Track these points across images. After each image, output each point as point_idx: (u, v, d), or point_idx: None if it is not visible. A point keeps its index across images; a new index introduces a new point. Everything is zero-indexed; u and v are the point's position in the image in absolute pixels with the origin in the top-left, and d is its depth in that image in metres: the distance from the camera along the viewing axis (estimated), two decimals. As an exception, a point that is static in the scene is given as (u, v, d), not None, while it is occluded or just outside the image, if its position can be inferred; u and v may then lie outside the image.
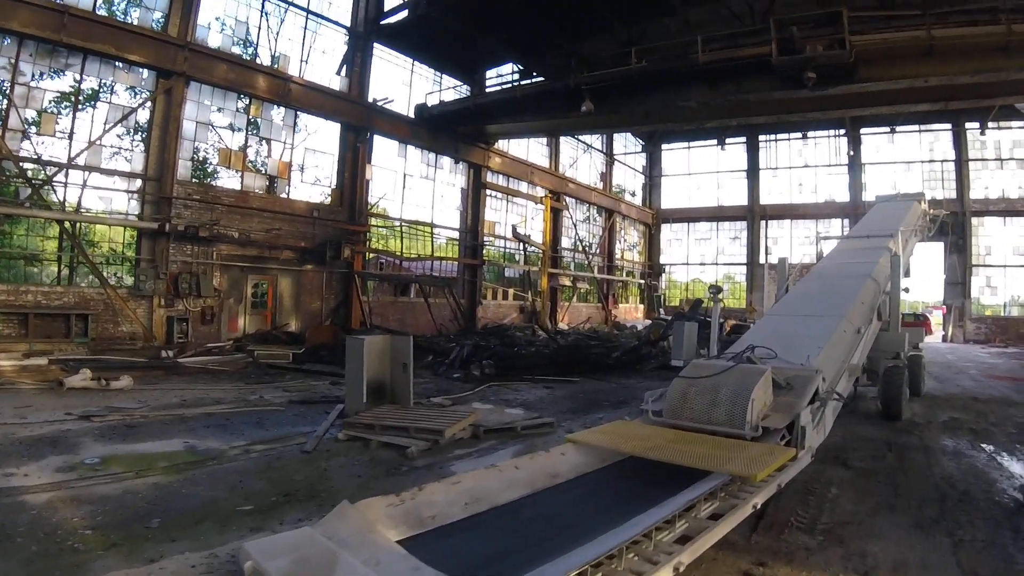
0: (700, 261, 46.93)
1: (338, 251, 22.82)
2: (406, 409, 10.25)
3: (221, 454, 8.26)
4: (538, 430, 10.04)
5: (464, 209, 29.60)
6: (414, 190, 27.56)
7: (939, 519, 6.54)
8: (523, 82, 25.98)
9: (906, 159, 41.22)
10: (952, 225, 33.48)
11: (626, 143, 45.96)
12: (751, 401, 6.51)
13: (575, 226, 37.79)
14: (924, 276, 39.06)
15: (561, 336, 25.95)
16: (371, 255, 26.30)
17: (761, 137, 44.61)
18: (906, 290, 14.10)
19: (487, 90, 28.34)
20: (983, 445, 10.15)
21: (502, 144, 31.32)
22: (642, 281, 45.78)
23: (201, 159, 21.47)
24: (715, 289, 9.39)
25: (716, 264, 46.34)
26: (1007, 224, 38.71)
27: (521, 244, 32.15)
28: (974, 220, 38.68)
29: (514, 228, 31.35)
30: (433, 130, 27.00)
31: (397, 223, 27.09)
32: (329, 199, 23.98)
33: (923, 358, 15.54)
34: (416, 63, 28.04)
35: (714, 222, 46.28)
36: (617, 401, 13.28)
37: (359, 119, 24.44)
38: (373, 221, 26.04)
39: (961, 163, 39.32)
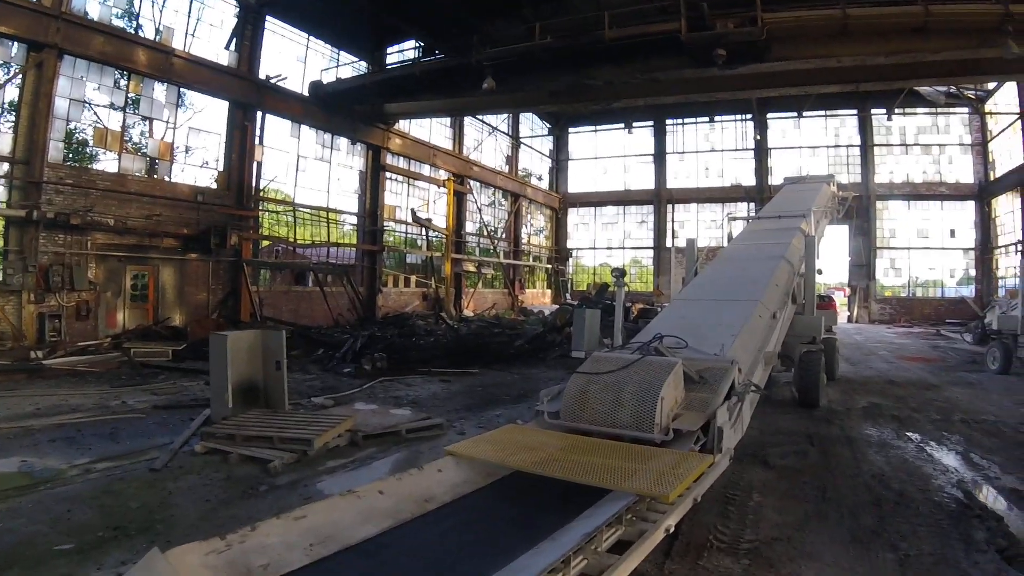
0: (607, 245, 46.57)
1: (225, 238, 21.12)
2: (278, 414, 9.04)
3: (58, 475, 7.00)
4: (426, 433, 8.97)
5: (363, 193, 28.16)
6: (308, 173, 26.02)
7: (878, 529, 5.79)
8: (423, 59, 24.66)
9: (812, 144, 42.34)
10: (857, 209, 34.26)
11: (532, 126, 45.14)
12: (660, 400, 5.68)
13: (480, 210, 36.72)
14: (828, 258, 41.07)
15: (465, 324, 24.85)
16: (266, 242, 24.81)
17: (668, 121, 44.63)
18: (819, 271, 13.61)
19: (387, 67, 26.95)
20: (908, 434, 9.70)
21: (403, 125, 30.03)
22: (549, 266, 45.16)
23: (78, 140, 19.87)
24: (619, 272, 8.41)
25: (623, 248, 46.12)
26: (911, 208, 40.69)
27: (423, 229, 30.81)
28: (879, 204, 40.26)
29: (413, 212, 29.92)
30: (329, 109, 25.46)
31: (290, 208, 25.50)
32: (216, 183, 22.30)
33: (837, 341, 15.27)
34: (312, 38, 26.44)
35: (621, 206, 46.05)
36: (518, 395, 12.28)
37: (248, 96, 22.82)
38: (264, 206, 24.56)
39: (866, 148, 40.72)
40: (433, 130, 33.39)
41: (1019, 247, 34.19)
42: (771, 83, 22.76)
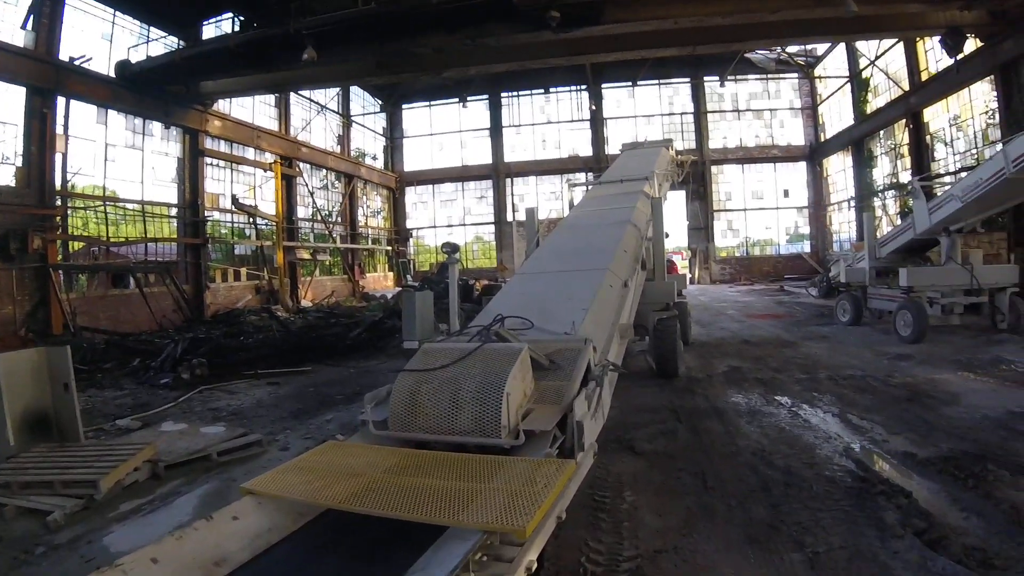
0: (448, 223, 45.37)
1: (26, 242, 18.74)
2: (68, 448, 7.31)
3: None
4: (242, 454, 7.51)
5: (181, 181, 25.54)
6: (119, 162, 23.22)
7: (775, 523, 4.99)
8: (236, 30, 22.70)
9: (647, 113, 43.17)
10: (693, 173, 35.35)
11: (364, 104, 43.20)
12: (505, 396, 4.60)
13: (312, 194, 34.43)
14: (667, 223, 40.49)
15: (302, 315, 23.20)
16: (78, 244, 22.36)
17: (504, 95, 44.19)
18: (667, 235, 13.06)
19: (201, 42, 24.59)
20: (777, 398, 9.21)
21: (223, 106, 27.61)
22: (389, 248, 43.51)
23: None
24: (450, 247, 7.04)
25: (464, 225, 45.09)
26: (745, 171, 42.65)
27: (249, 217, 28.62)
28: (714, 168, 41.85)
29: (235, 198, 27.33)
30: (139, 91, 22.84)
31: (100, 203, 23.02)
32: (15, 180, 19.77)
33: (688, 305, 14.82)
34: (119, 14, 23.60)
35: (460, 183, 45.05)
36: (353, 393, 10.80)
37: (48, 81, 20.05)
38: (71, 202, 22.11)
39: (700, 115, 42.19)
40: (257, 110, 31.04)
41: (851, 203, 35.82)
42: (607, 47, 22.23)
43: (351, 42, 19.70)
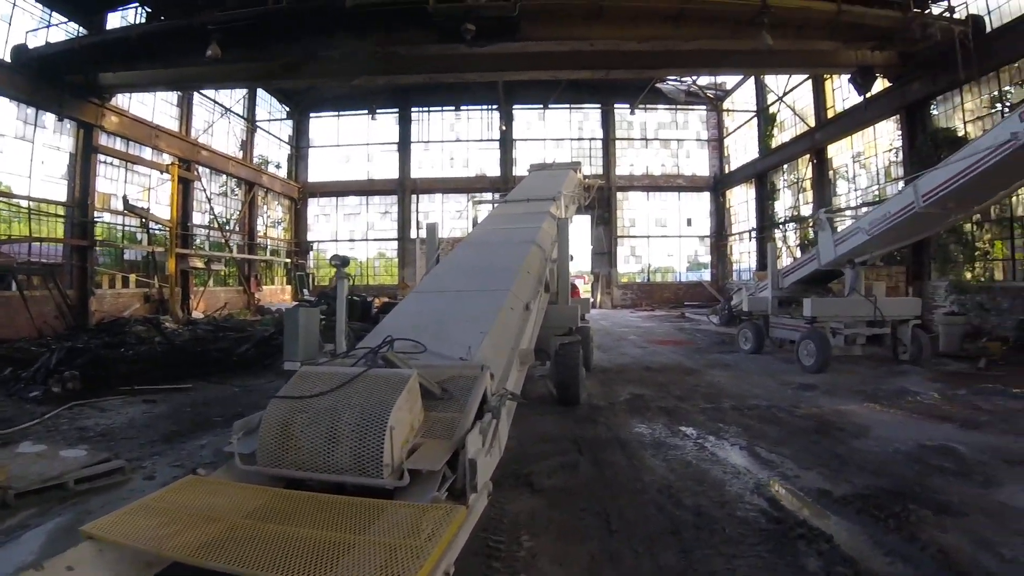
0: (350, 237, 44.20)
1: None
2: None
3: None
4: (102, 481, 6.59)
5: (72, 179, 23.89)
6: (7, 154, 21.55)
7: (687, 572, 4.56)
8: (142, 21, 21.49)
9: (557, 136, 43.78)
10: (599, 199, 35.59)
11: (271, 109, 41.83)
12: (388, 430, 4.06)
13: (210, 200, 32.95)
14: (571, 246, 41.04)
15: (191, 327, 22.00)
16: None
17: (414, 110, 43.69)
18: (571, 257, 12.68)
19: (104, 31, 23.26)
20: (682, 429, 8.85)
21: (122, 101, 26.12)
22: (288, 260, 42.12)
23: None
24: (339, 260, 6.41)
25: (367, 240, 44.16)
26: (650, 198, 43.85)
27: (142, 221, 27.15)
28: (620, 194, 42.77)
29: (125, 199, 25.64)
30: (35, 79, 21.14)
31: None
32: None
33: (591, 329, 14.52)
34: None
35: (364, 196, 44.12)
36: (233, 415, 9.55)
37: None
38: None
39: (609, 141, 43.07)
40: (157, 108, 29.48)
41: (752, 234, 36.65)
42: (522, 65, 21.92)
43: (257, 41, 18.85)
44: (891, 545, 4.88)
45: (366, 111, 42.73)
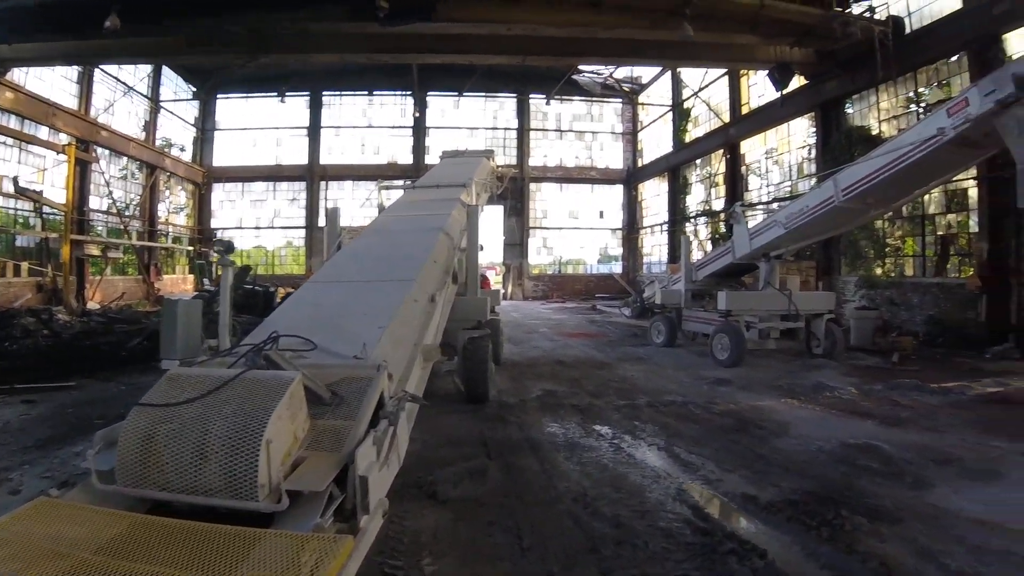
0: (256, 225, 42.94)
1: None
2: None
3: None
4: None
5: None
6: None
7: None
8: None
9: (471, 125, 43.51)
10: (512, 189, 36.07)
11: (176, 89, 40.04)
12: (265, 444, 3.35)
13: (108, 184, 31.29)
14: (483, 237, 41.16)
15: (85, 318, 20.63)
16: None
17: (325, 94, 42.66)
18: (482, 247, 12.14)
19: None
20: (597, 428, 8.40)
21: (17, 76, 24.61)
22: (191, 248, 40.34)
23: None
24: (222, 245, 5.60)
25: (272, 228, 42.94)
26: (563, 190, 44.30)
27: (35, 204, 25.56)
28: (533, 185, 42.88)
29: (15, 181, 24.14)
30: None
31: None
32: None
33: (500, 322, 14.17)
34: None
35: (272, 182, 42.75)
36: (116, 416, 8.25)
37: None
38: None
39: (523, 131, 43.22)
40: (56, 84, 27.92)
41: (663, 227, 37.04)
42: (437, 48, 21.45)
43: (160, 14, 17.83)
44: (828, 558, 4.49)
45: (276, 93, 41.34)
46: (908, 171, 10.78)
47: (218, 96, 42.73)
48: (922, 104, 19.09)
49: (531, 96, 42.47)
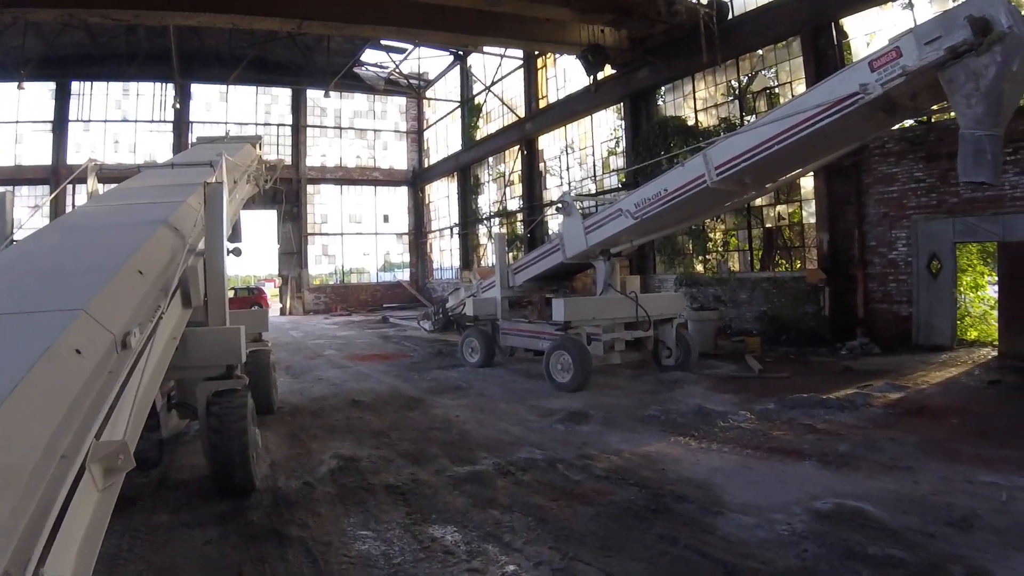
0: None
1: None
2: None
3: None
4: None
5: None
6: None
7: None
8: None
9: (240, 120, 39.03)
10: (287, 192, 33.62)
11: None
12: None
13: None
14: (256, 246, 38.86)
15: None
16: None
17: (74, 83, 36.89)
18: (237, 251, 8.76)
19: None
20: (436, 534, 5.15)
21: None
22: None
23: None
24: None
25: (14, 241, 36.39)
26: (344, 192, 41.31)
27: None
28: (310, 187, 39.96)
29: None
30: None
31: None
32: None
33: (271, 354, 10.42)
34: None
35: (11, 186, 35.60)
36: None
37: None
38: None
39: (299, 128, 39.90)
40: None
41: (453, 230, 36.59)
42: (194, 4, 17.54)
43: None
44: None
45: (14, 81, 34.77)
46: (808, 141, 8.59)
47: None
48: (748, 93, 18.64)
49: (308, 90, 38.88)
